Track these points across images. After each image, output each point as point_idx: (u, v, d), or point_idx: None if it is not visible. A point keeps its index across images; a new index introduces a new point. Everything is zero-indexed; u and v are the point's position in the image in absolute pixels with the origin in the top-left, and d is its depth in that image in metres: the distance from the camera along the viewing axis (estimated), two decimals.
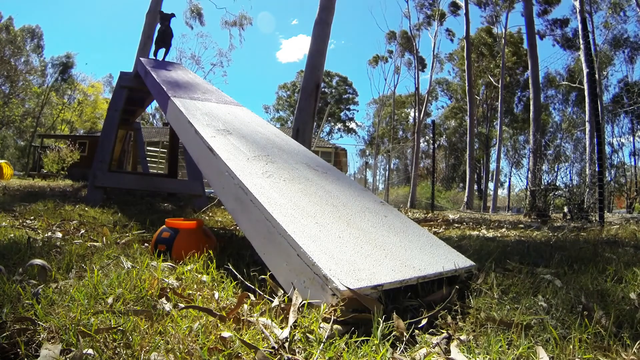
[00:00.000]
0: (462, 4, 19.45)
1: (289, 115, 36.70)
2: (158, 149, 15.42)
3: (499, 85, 21.61)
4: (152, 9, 9.71)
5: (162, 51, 5.03)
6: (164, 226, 1.85)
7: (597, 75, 18.54)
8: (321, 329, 0.94)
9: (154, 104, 13.80)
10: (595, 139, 6.12)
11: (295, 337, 0.92)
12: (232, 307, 1.07)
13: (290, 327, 0.93)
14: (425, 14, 26.89)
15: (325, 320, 0.98)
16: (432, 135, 10.55)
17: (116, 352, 0.83)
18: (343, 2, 51.26)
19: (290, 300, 1.13)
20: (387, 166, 27.28)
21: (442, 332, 1.02)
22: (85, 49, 56.81)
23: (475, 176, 27.17)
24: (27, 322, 0.92)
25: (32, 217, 2.74)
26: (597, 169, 4.85)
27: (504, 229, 3.83)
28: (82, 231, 2.26)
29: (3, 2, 35.01)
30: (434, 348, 0.93)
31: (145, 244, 1.97)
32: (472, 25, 19.14)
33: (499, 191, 23.32)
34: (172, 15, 4.91)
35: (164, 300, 1.13)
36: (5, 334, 0.86)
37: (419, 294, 1.29)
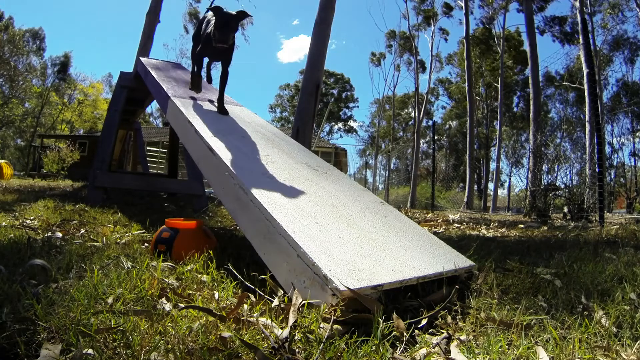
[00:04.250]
0: (462, 4, 19.43)
1: (290, 115, 36.70)
2: (158, 149, 15.40)
3: (499, 85, 21.61)
4: (152, 9, 9.72)
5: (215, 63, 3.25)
6: (164, 226, 1.85)
7: (597, 76, 18.54)
8: (321, 329, 0.94)
9: (154, 104, 13.83)
10: (595, 139, 6.13)
11: (295, 337, 0.92)
12: (232, 307, 1.07)
13: (290, 327, 0.93)
14: (421, 15, 26.93)
15: (325, 320, 0.99)
16: (432, 136, 10.55)
17: (116, 352, 0.83)
18: (343, 2, 51.33)
19: (290, 300, 1.13)
20: (387, 166, 27.27)
21: (442, 332, 1.02)
22: (85, 48, 56.84)
23: (475, 176, 27.17)
24: (27, 322, 0.92)
25: (32, 217, 2.74)
26: (597, 170, 4.85)
27: (504, 229, 3.83)
28: (82, 231, 2.26)
29: (3, 2, 35.00)
30: (434, 348, 0.93)
31: (145, 244, 1.97)
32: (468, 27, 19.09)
33: (499, 191, 23.33)
34: (243, 16, 2.52)
35: (164, 300, 1.12)
36: (5, 334, 0.86)
37: (419, 294, 1.29)
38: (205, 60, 3.13)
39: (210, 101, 2.89)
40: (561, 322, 1.09)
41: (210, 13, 2.73)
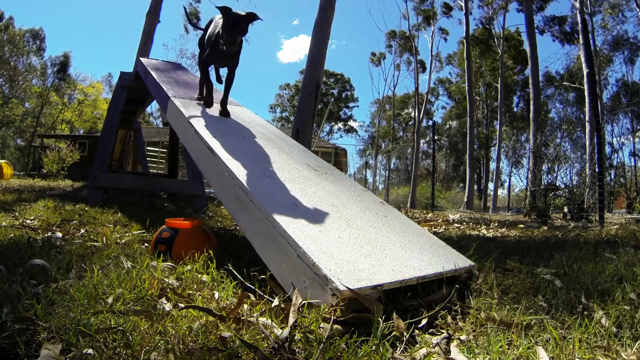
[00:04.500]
0: (462, 4, 19.43)
1: (290, 115, 36.70)
2: (158, 149, 15.40)
3: (499, 85, 21.62)
4: (152, 9, 9.72)
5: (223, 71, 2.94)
6: (164, 226, 1.85)
7: (597, 76, 18.54)
8: (321, 329, 0.94)
9: (154, 104, 13.81)
10: (595, 139, 6.13)
11: (295, 337, 0.92)
12: (232, 307, 1.07)
13: (290, 327, 0.93)
14: (421, 15, 26.94)
15: (325, 320, 0.99)
16: (432, 136, 10.55)
17: (116, 352, 0.83)
18: (343, 2, 51.34)
19: (290, 300, 1.13)
20: (387, 166, 27.26)
21: (442, 332, 1.02)
22: (85, 48, 56.83)
23: (475, 176, 27.18)
24: (27, 322, 0.92)
25: (32, 217, 2.73)
26: (597, 170, 4.85)
27: (504, 229, 3.83)
28: (82, 231, 2.26)
29: (3, 2, 34.97)
30: (434, 348, 0.93)
31: (145, 244, 1.97)
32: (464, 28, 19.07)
33: (499, 191, 23.34)
34: (253, 18, 2.36)
35: (164, 300, 1.13)
36: (5, 334, 0.86)
37: (419, 294, 1.29)
38: (211, 67, 2.87)
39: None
40: (561, 322, 1.09)
41: (217, 16, 2.61)
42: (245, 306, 1.10)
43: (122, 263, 1.49)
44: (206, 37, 2.74)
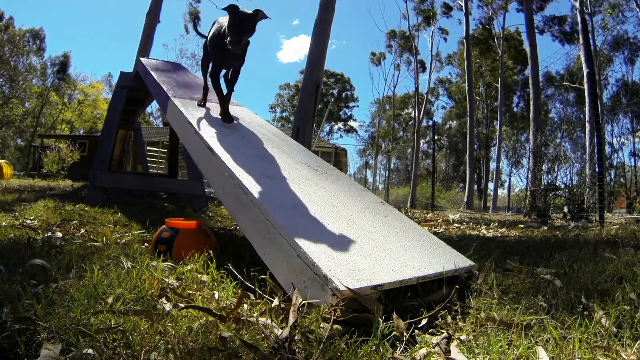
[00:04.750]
0: (461, 4, 19.43)
1: (290, 115, 36.71)
2: (158, 149, 15.40)
3: (499, 85, 21.61)
4: (152, 9, 9.73)
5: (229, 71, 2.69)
6: (164, 226, 1.85)
7: (597, 76, 18.54)
8: (321, 329, 0.94)
9: (154, 104, 13.82)
10: (595, 139, 6.13)
11: (295, 337, 0.92)
12: (232, 307, 1.07)
13: (290, 327, 0.93)
14: (421, 15, 26.95)
15: (325, 320, 0.99)
16: (432, 136, 10.55)
17: (116, 352, 0.83)
18: (343, 2, 51.36)
19: (290, 300, 1.13)
20: (387, 166, 27.25)
21: (442, 332, 1.02)
22: (85, 48, 56.86)
23: (475, 176, 27.19)
24: (27, 322, 0.92)
25: (32, 217, 2.73)
26: (597, 170, 4.85)
27: (504, 229, 3.83)
28: (82, 231, 2.26)
29: (3, 2, 34.96)
30: (434, 348, 0.93)
31: (145, 244, 1.97)
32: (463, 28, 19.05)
33: (499, 191, 23.35)
34: (259, 16, 2.23)
35: (164, 300, 1.12)
36: (5, 334, 0.86)
37: (419, 294, 1.29)
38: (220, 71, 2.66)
39: (210, 102, 2.87)
40: (561, 322, 1.09)
41: (221, 17, 2.53)
42: (245, 306, 1.10)
43: (122, 263, 1.49)
44: (209, 38, 2.67)
